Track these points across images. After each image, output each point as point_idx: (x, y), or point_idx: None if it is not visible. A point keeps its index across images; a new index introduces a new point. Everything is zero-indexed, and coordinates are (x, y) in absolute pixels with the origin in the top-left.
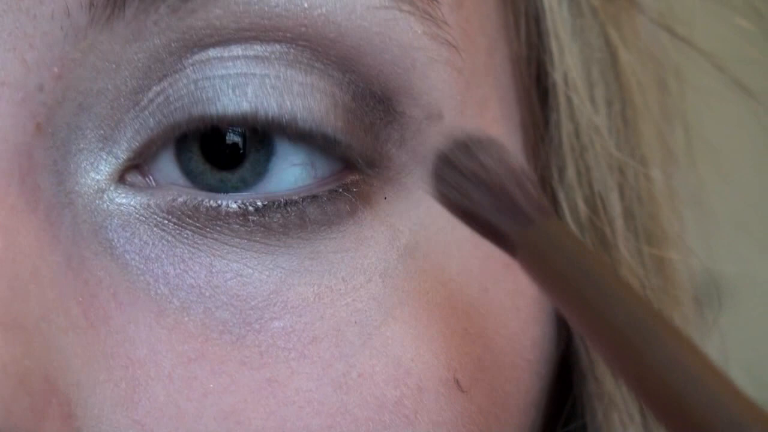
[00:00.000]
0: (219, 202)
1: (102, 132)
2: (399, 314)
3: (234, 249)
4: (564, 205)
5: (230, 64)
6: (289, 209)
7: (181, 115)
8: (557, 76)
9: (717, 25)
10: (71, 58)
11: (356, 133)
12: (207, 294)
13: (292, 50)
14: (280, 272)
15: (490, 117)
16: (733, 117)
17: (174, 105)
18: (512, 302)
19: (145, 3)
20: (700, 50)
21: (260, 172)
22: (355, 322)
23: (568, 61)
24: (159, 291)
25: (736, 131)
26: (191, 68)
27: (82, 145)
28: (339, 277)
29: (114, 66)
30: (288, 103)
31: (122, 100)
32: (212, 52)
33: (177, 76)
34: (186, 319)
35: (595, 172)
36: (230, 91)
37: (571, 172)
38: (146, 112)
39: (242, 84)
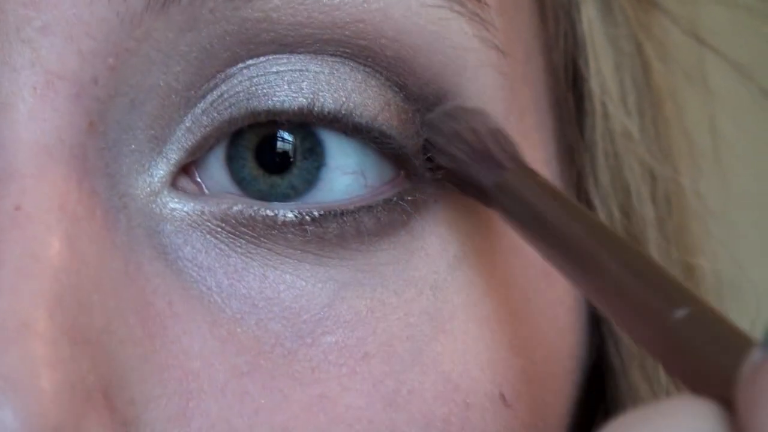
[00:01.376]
0: (275, 211)
1: (153, 132)
2: (449, 328)
3: (288, 260)
4: (599, 211)
5: (284, 60)
6: (345, 219)
7: (237, 111)
8: (593, 84)
9: (745, 34)
10: (126, 48)
11: (409, 133)
12: (260, 305)
13: (348, 50)
14: (334, 285)
15: (528, 124)
16: (760, 125)
17: (228, 102)
18: (552, 311)
19: None
20: (727, 59)
21: (310, 180)
22: (407, 338)
23: (604, 69)
24: (213, 300)
25: (762, 139)
26: (246, 67)
27: (133, 146)
28: (391, 290)
29: (167, 58)
30: (343, 98)
31: (174, 97)
32: (267, 47)
33: (231, 71)
34: (239, 330)
35: (629, 179)
36: (286, 86)
37: (605, 179)
38: (198, 110)
39: (297, 80)
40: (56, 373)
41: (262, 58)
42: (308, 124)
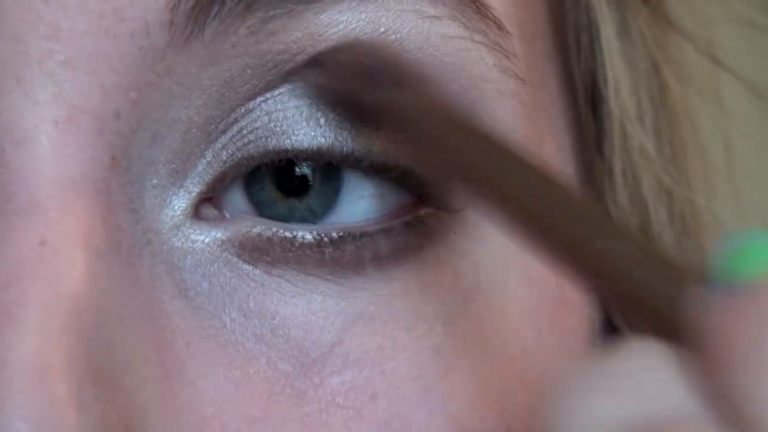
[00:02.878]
0: (294, 233)
1: (174, 166)
2: (459, 366)
3: (299, 290)
4: None
5: (301, 91)
6: (363, 241)
7: (255, 149)
8: (613, 105)
9: (760, 54)
10: (147, 82)
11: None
12: (270, 343)
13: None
14: (344, 318)
15: (546, 151)
16: None
17: (248, 138)
18: (566, 342)
19: (224, 24)
20: (742, 79)
21: (328, 204)
22: (415, 378)
23: (623, 89)
24: (227, 338)
25: None
26: (264, 101)
27: (155, 181)
28: (402, 327)
29: (188, 92)
30: (363, 135)
31: (195, 131)
32: (287, 82)
33: (250, 105)
34: (251, 371)
35: (648, 198)
36: (304, 122)
37: (623, 199)
38: (219, 145)
39: (316, 115)
40: (81, 415)
41: (280, 89)
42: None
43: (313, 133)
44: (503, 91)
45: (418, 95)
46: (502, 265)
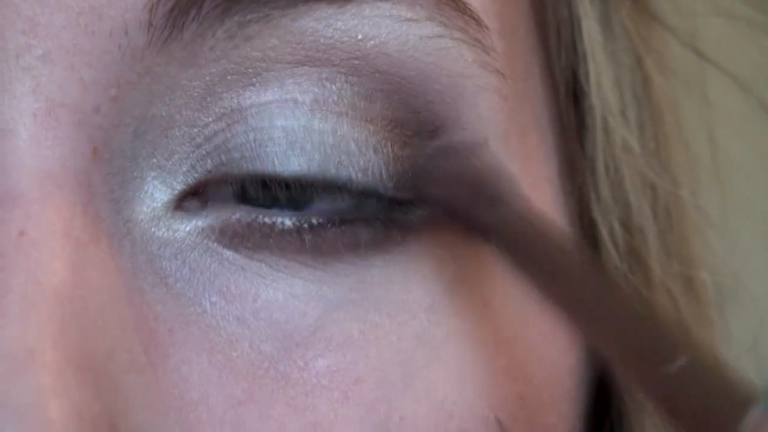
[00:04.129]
0: (273, 219)
1: (156, 161)
2: (443, 354)
3: (280, 275)
4: (601, 226)
5: (290, 113)
6: (343, 229)
7: (238, 170)
8: (594, 98)
9: (744, 46)
10: (127, 80)
11: (406, 179)
12: (252, 326)
13: (345, 87)
14: (326, 304)
15: (529, 142)
16: (760, 138)
17: (230, 155)
18: (551, 332)
19: (203, 27)
20: (727, 72)
21: (311, 194)
22: (399, 363)
23: (604, 83)
24: (208, 323)
25: (762, 152)
26: (251, 116)
27: (136, 173)
28: (384, 313)
29: (169, 91)
30: (345, 163)
31: (176, 130)
32: (270, 93)
33: (235, 117)
34: (234, 354)
35: (630, 192)
36: (289, 149)
37: (606, 193)
38: (203, 150)
39: (300, 140)
40: (64, 402)
41: (268, 107)
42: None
43: (295, 160)
44: (484, 87)
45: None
46: (486, 257)
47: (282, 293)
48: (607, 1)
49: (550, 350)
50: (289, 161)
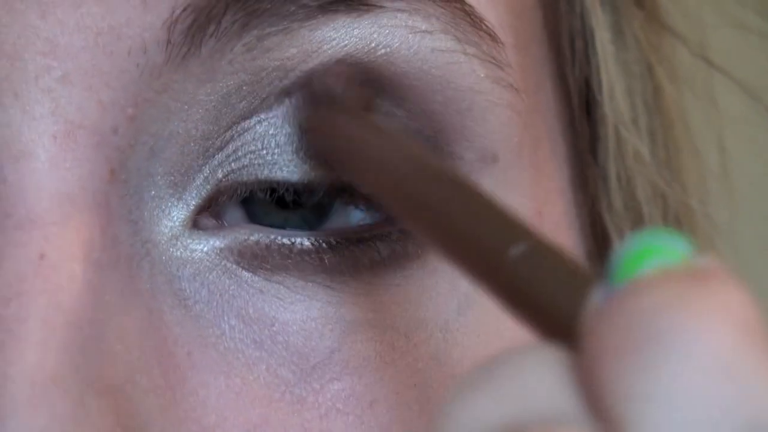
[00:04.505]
0: (293, 240)
1: (172, 178)
2: (458, 373)
3: (298, 296)
4: (613, 234)
5: (291, 124)
6: (362, 247)
7: (247, 176)
8: (607, 109)
9: (754, 56)
10: (145, 98)
11: None
12: (270, 350)
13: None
14: (343, 325)
15: (542, 154)
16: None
17: (242, 161)
18: None
19: (221, 42)
20: (736, 81)
21: (322, 214)
22: (415, 385)
23: (617, 93)
24: (227, 346)
25: None
26: (259, 122)
27: (153, 192)
28: (401, 333)
29: (186, 107)
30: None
31: (192, 145)
32: (279, 100)
33: (246, 124)
34: (251, 378)
35: (642, 202)
36: (294, 154)
37: (618, 203)
38: (215, 161)
39: (306, 146)
40: (84, 428)
41: (275, 111)
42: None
43: (305, 166)
44: (496, 102)
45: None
46: None
47: (300, 316)
48: (619, 12)
49: None
50: (294, 166)
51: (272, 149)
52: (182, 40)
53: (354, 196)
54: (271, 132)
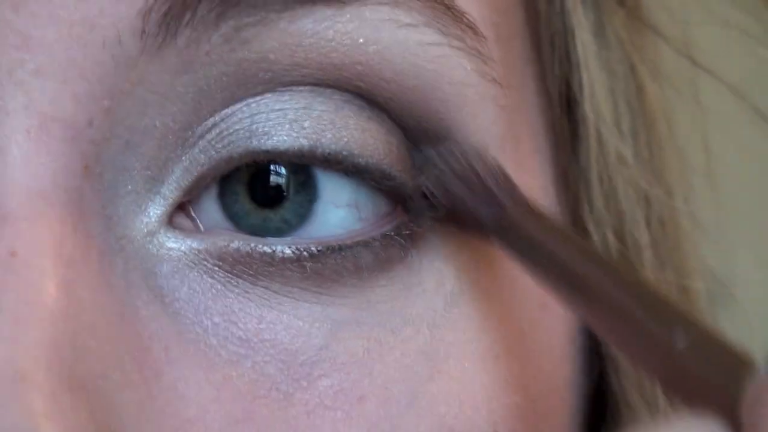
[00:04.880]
0: (273, 248)
1: (149, 172)
2: (445, 368)
3: (285, 299)
4: (594, 236)
5: (287, 97)
6: (343, 254)
7: (235, 150)
8: (587, 109)
9: (738, 54)
10: (120, 90)
11: (408, 170)
12: (256, 348)
13: (348, 91)
14: (330, 324)
15: (523, 151)
16: (754, 146)
17: (228, 139)
18: (548, 343)
19: (197, 32)
20: (721, 79)
21: (303, 214)
22: (403, 380)
23: (598, 93)
24: (208, 342)
25: (756, 160)
26: (247, 104)
27: (129, 187)
28: (388, 329)
29: (163, 99)
30: (345, 138)
31: (170, 137)
32: (266, 86)
33: (230, 110)
34: (234, 374)
35: (624, 202)
36: (288, 125)
37: (599, 203)
38: (197, 149)
39: (300, 118)
40: (56, 425)
41: (264, 96)
42: (306, 165)
43: (295, 134)
44: (483, 96)
45: (524, 208)
46: (484, 268)
47: (287, 315)
48: (601, 11)
49: (546, 362)
50: (287, 136)
51: (262, 124)
52: (157, 30)
53: (346, 167)
54: (261, 110)
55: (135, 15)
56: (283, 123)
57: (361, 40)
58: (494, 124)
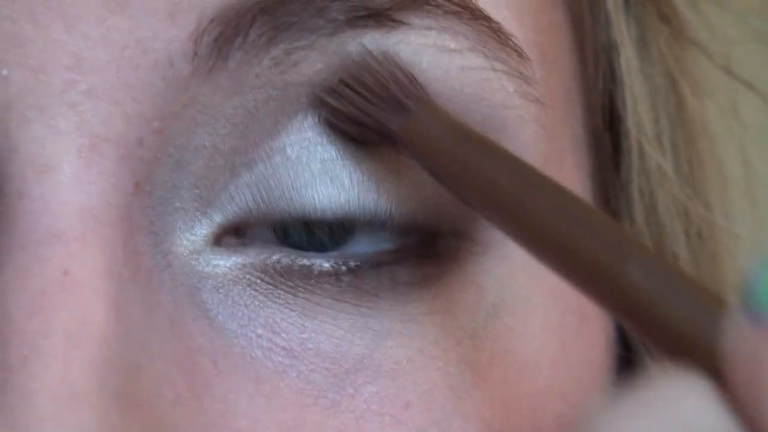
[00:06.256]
0: (312, 261)
1: (198, 191)
2: (488, 376)
3: (325, 309)
4: None
5: (327, 141)
6: (380, 270)
7: (277, 206)
8: (631, 124)
9: None
10: (171, 111)
11: (445, 210)
12: (300, 357)
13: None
14: (372, 334)
15: (566, 168)
16: None
17: (273, 191)
18: (587, 354)
19: (248, 55)
20: (761, 93)
21: (344, 232)
22: (447, 387)
23: (641, 108)
24: (254, 355)
25: None
26: (289, 145)
27: (178, 204)
28: (430, 340)
29: (213, 120)
30: (384, 198)
31: (219, 159)
32: (310, 118)
33: (274, 144)
34: (282, 384)
35: (664, 217)
36: (329, 182)
37: (640, 218)
38: (242, 181)
39: (341, 175)
40: None
41: (306, 131)
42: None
43: (336, 194)
44: (524, 117)
45: (432, 113)
46: (524, 280)
47: (329, 325)
48: (644, 27)
49: (587, 371)
50: (330, 196)
51: (301, 176)
52: (209, 53)
53: (387, 228)
54: (303, 158)
55: (187, 38)
56: (323, 180)
57: (401, 63)
58: (536, 144)
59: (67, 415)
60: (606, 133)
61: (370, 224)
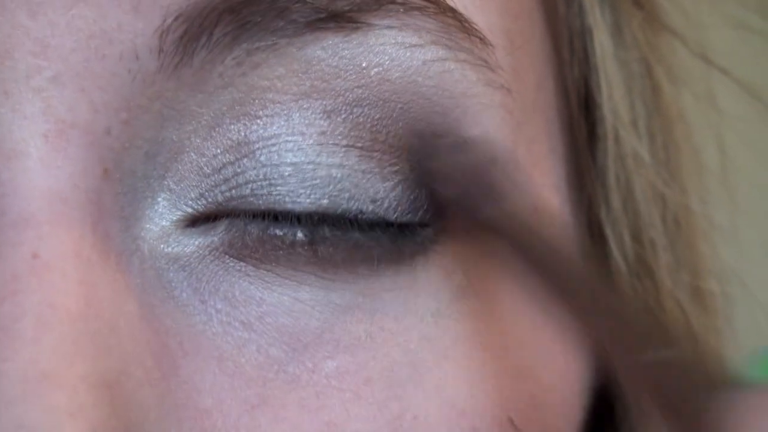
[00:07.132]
0: (285, 231)
1: (167, 183)
2: (452, 354)
3: (287, 281)
4: (610, 237)
5: (297, 148)
6: (348, 242)
7: (249, 208)
8: (606, 109)
9: (754, 55)
10: (138, 104)
11: (419, 203)
12: (259, 330)
13: (350, 118)
14: (333, 308)
15: (538, 152)
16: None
17: (243, 190)
18: (560, 338)
19: (213, 53)
20: (736, 80)
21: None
22: (408, 363)
23: (616, 93)
24: (214, 330)
25: None
26: (259, 150)
27: (147, 193)
28: (391, 317)
29: (179, 116)
30: (356, 197)
31: (186, 156)
32: (276, 126)
33: (244, 150)
34: (243, 360)
35: (640, 203)
36: (299, 186)
37: (616, 204)
38: (211, 180)
39: (311, 177)
40: (78, 421)
41: (273, 142)
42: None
43: (308, 199)
44: (488, 104)
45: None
46: (493, 265)
47: (287, 298)
48: (618, 12)
49: (560, 355)
50: (300, 198)
51: (275, 180)
52: (174, 50)
53: (355, 228)
54: (273, 161)
55: (152, 33)
56: (293, 184)
57: (363, 65)
58: (500, 129)
59: (38, 396)
60: (581, 118)
61: (341, 221)
